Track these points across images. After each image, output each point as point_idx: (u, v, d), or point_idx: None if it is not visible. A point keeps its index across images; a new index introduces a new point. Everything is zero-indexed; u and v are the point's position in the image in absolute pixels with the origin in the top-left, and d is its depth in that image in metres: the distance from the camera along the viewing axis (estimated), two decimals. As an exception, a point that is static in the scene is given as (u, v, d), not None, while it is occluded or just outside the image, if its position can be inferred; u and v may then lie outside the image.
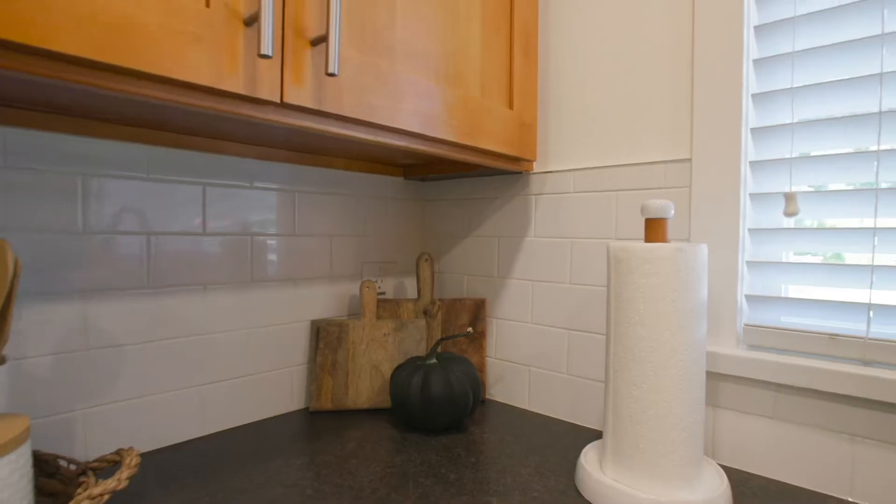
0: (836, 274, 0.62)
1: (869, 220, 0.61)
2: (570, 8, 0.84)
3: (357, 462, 0.68)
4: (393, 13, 0.61)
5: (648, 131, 0.76)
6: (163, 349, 0.71)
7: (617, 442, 0.60)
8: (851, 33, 0.61)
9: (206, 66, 0.44)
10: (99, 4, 0.38)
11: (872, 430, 0.58)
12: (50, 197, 0.61)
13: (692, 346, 0.57)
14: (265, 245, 0.82)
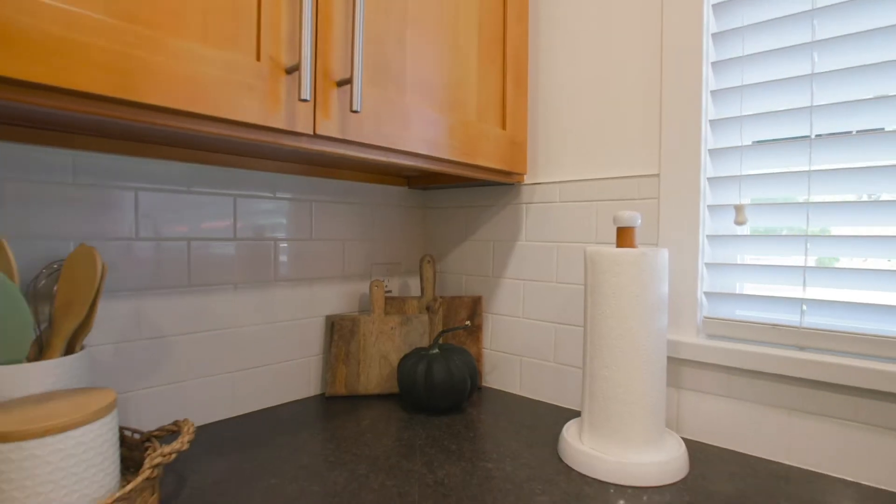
0: (776, 274, 0.73)
1: (802, 228, 0.72)
2: (555, 40, 0.95)
3: (371, 437, 0.79)
4: (403, 52, 0.72)
5: (623, 150, 0.87)
6: (200, 340, 0.82)
7: (592, 417, 0.71)
8: (788, 71, 0.72)
9: (256, 108, 0.55)
10: (180, 66, 0.49)
11: (805, 404, 0.70)
12: (111, 208, 0.72)
13: (654, 335, 0.68)
14: (286, 249, 0.93)
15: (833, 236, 0.69)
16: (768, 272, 0.74)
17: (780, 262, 0.76)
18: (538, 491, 0.63)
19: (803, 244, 0.71)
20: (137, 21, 0.47)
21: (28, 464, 0.45)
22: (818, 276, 0.70)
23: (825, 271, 0.70)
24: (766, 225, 0.75)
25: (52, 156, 0.67)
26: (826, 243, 0.69)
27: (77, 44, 0.43)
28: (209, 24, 0.52)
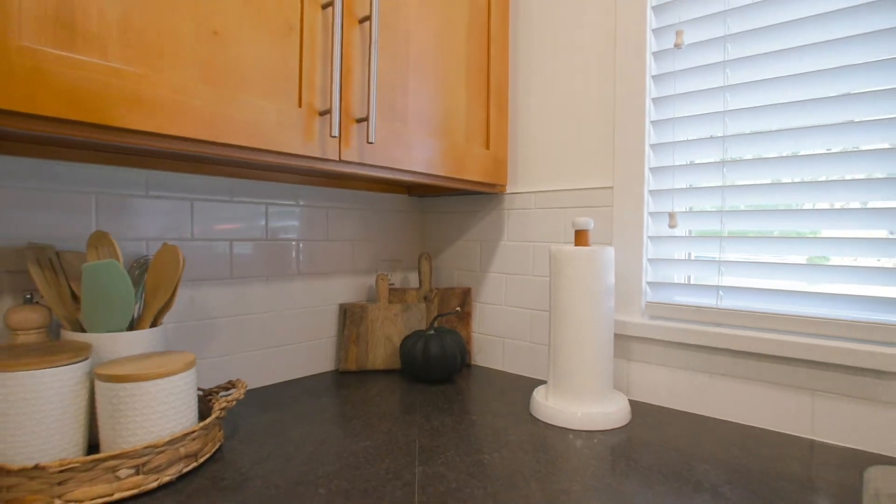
0: (700, 267, 0.93)
1: (717, 231, 0.91)
2: (531, 75, 1.14)
3: (379, 399, 0.98)
4: (406, 93, 0.91)
5: (585, 166, 1.06)
6: (239, 322, 1.01)
7: (555, 381, 0.90)
8: (707, 108, 0.92)
9: (298, 142, 0.74)
10: (246, 115, 0.68)
11: (723, 369, 0.89)
12: (174, 215, 0.90)
13: (602, 317, 0.87)
14: (306, 247, 1.12)
15: (740, 237, 0.89)
16: (694, 266, 0.94)
17: (701, 257, 0.96)
18: (511, 433, 0.82)
19: (718, 243, 0.90)
20: (220, 85, 0.66)
21: (144, 398, 0.63)
22: (730, 269, 0.90)
23: (735, 264, 0.89)
24: (692, 227, 0.95)
25: (131, 174, 0.85)
26: (736, 243, 0.89)
27: (182, 104, 0.62)
28: (266, 84, 0.71)
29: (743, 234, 0.90)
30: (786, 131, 0.84)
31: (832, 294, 0.81)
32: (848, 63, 0.79)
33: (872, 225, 0.78)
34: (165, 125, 0.60)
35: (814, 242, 0.82)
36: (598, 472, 0.69)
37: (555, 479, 0.66)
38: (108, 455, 0.59)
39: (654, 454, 0.74)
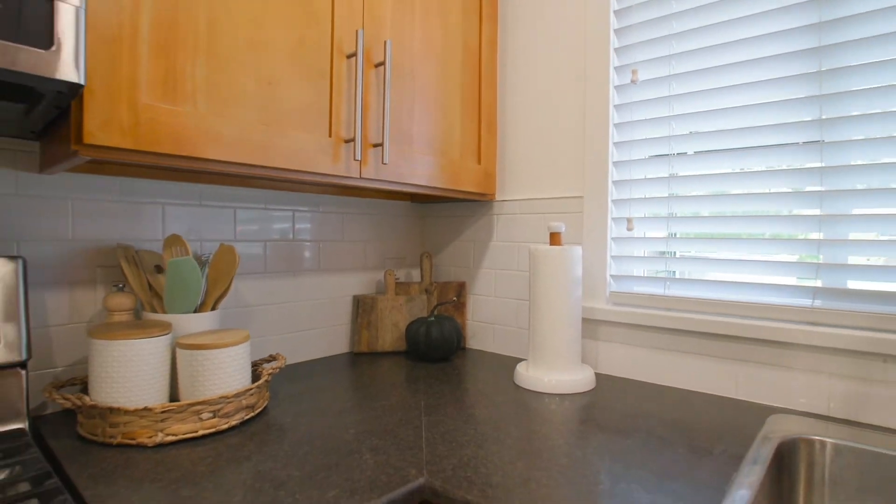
0: (651, 262, 1.14)
1: (665, 232, 1.12)
2: (516, 100, 1.35)
3: (390, 374, 1.18)
4: (412, 119, 1.11)
5: (560, 179, 1.27)
6: (271, 310, 1.21)
7: (534, 356, 1.11)
8: (657, 133, 1.12)
9: (328, 164, 0.94)
10: (290, 145, 0.88)
11: (671, 345, 1.10)
12: (221, 219, 1.10)
13: (571, 304, 1.08)
14: (325, 247, 1.32)
15: (683, 238, 1.09)
16: (647, 261, 1.15)
17: (653, 254, 1.16)
18: (497, 396, 1.02)
19: (665, 243, 1.11)
20: (272, 123, 0.86)
21: (216, 362, 0.83)
22: (675, 264, 1.10)
23: (680, 260, 1.10)
24: (646, 230, 1.15)
25: (187, 187, 1.05)
26: (680, 243, 1.10)
27: (246, 139, 0.82)
28: (305, 119, 0.91)
29: (685, 236, 1.11)
30: (717, 152, 1.05)
31: (752, 283, 1.02)
32: (758, 102, 1.00)
33: (786, 228, 0.98)
34: (234, 155, 0.80)
35: (740, 242, 1.03)
36: (563, 420, 0.89)
37: (528, 424, 0.87)
38: (195, 402, 0.79)
39: (610, 410, 0.95)
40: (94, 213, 0.93)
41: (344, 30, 0.95)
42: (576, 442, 0.79)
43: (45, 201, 0.88)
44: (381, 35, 1.02)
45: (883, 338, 0.85)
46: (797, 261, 0.98)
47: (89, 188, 0.93)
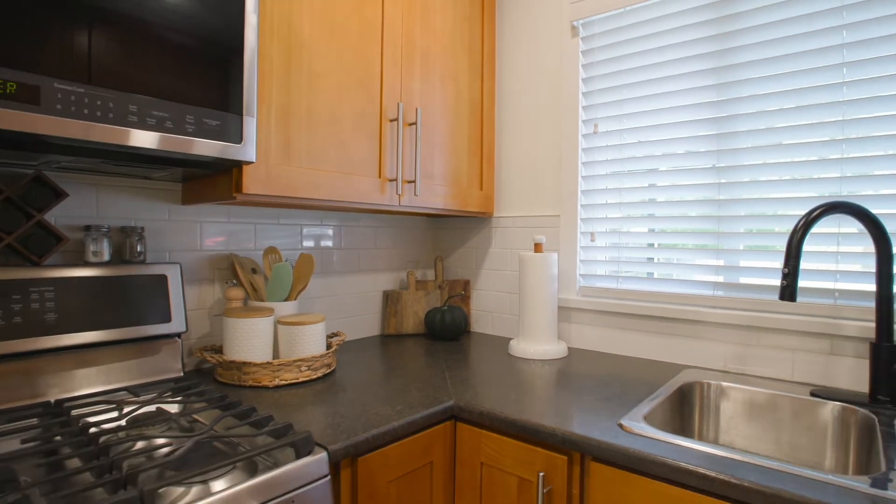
0: (607, 265, 1.55)
1: (617, 242, 1.53)
2: (510, 139, 1.76)
3: (415, 349, 1.58)
4: (433, 161, 1.51)
5: (543, 201, 1.68)
6: (326, 300, 1.60)
7: (522, 334, 1.51)
8: (610, 169, 1.54)
9: (377, 197, 1.34)
10: (355, 185, 1.28)
11: (621, 324, 1.51)
12: (291, 233, 1.50)
13: (549, 296, 1.48)
14: (364, 253, 1.72)
15: (632, 247, 1.51)
16: (605, 264, 1.56)
17: (609, 259, 1.57)
18: (495, 362, 1.43)
19: (617, 251, 1.53)
20: (345, 172, 1.26)
21: (306, 334, 1.23)
22: (624, 266, 1.51)
23: (627, 263, 1.51)
24: (605, 241, 1.57)
25: (268, 211, 1.45)
26: (628, 250, 1.51)
27: (330, 184, 1.21)
28: (364, 167, 1.31)
29: (633, 245, 1.52)
30: (650, 188, 1.46)
31: (676, 280, 1.43)
32: (675, 137, 1.41)
33: (698, 240, 1.40)
34: (323, 194, 1.20)
35: (668, 250, 1.44)
36: (542, 375, 1.30)
37: (518, 377, 1.27)
38: (297, 359, 1.19)
39: (575, 370, 1.36)
40: (213, 231, 1.33)
41: (388, 103, 1.36)
42: (549, 386, 1.20)
43: (185, 224, 1.28)
44: (413, 104, 1.43)
45: (757, 316, 1.26)
46: (705, 264, 1.39)
47: (210, 214, 1.32)
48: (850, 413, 1.05)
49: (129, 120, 0.81)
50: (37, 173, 1.00)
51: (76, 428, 0.85)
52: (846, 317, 1.18)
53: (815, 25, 1.22)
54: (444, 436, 1.07)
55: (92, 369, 1.05)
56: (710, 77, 1.37)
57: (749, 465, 0.78)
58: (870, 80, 1.16)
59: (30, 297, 0.96)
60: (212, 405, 0.96)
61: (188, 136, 0.87)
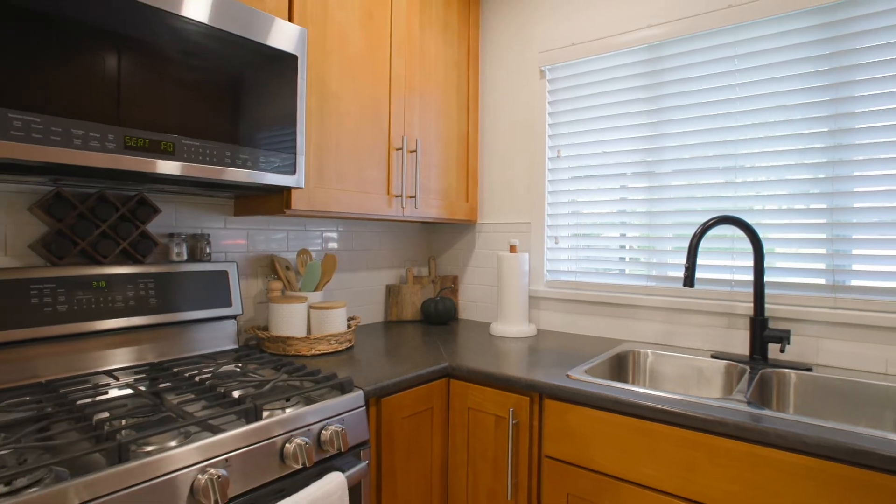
0: (568, 263, 1.94)
1: (575, 244, 1.93)
2: (491, 159, 2.14)
3: (414, 331, 1.95)
4: (429, 180, 1.89)
5: (517, 211, 2.06)
6: (342, 292, 1.97)
7: (500, 318, 1.90)
8: (568, 187, 1.93)
9: (386, 210, 1.71)
10: (369, 201, 1.65)
11: (577, 310, 1.90)
12: (315, 237, 1.87)
13: (523, 287, 1.87)
14: (371, 254, 2.09)
15: (585, 248, 1.90)
16: (568, 262, 1.95)
17: (570, 258, 1.96)
18: (479, 340, 1.81)
19: (575, 252, 1.92)
20: (363, 191, 1.63)
21: (333, 316, 1.60)
22: (579, 264, 1.91)
23: (583, 261, 1.90)
24: (567, 244, 1.96)
25: (296, 220, 1.81)
26: (583, 251, 1.90)
27: (350, 200, 1.58)
28: (376, 187, 1.68)
29: (592, 246, 1.91)
30: (600, 202, 1.86)
31: (618, 272, 1.83)
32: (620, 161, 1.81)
33: (641, 241, 1.80)
34: (346, 209, 1.57)
35: (609, 250, 1.84)
36: (515, 349, 1.68)
37: (497, 349, 1.66)
38: (327, 334, 1.55)
39: (542, 345, 1.75)
40: (257, 238, 1.69)
41: (395, 135, 1.73)
42: (520, 354, 1.59)
43: (237, 231, 1.64)
44: (413, 135, 1.80)
45: (678, 301, 1.66)
46: (642, 260, 1.79)
47: (255, 223, 1.68)
48: (733, 367, 1.45)
49: (224, 161, 1.17)
50: (140, 195, 1.35)
51: (185, 378, 1.21)
52: (739, 300, 1.58)
53: (712, 69, 1.63)
54: (440, 388, 1.45)
55: (179, 340, 1.41)
56: (644, 116, 1.77)
57: (654, 396, 1.17)
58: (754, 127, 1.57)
59: (138, 287, 1.32)
60: (271, 365, 1.33)
61: (262, 171, 1.24)
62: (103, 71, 0.98)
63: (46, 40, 0.91)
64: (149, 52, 1.04)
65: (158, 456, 0.83)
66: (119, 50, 0.99)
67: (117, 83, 0.99)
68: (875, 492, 0.89)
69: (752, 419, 1.02)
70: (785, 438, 0.96)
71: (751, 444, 1.01)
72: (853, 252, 1.43)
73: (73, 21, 0.94)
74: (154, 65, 1.04)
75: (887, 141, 1.38)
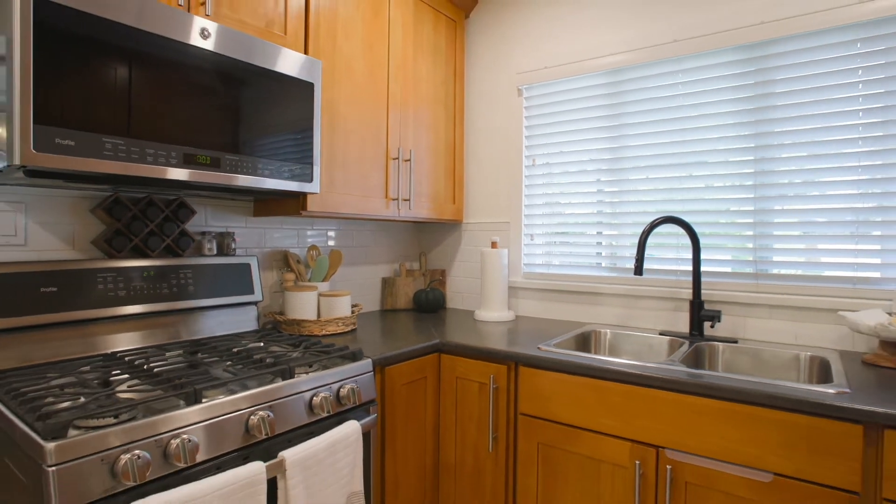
0: (544, 256, 2.23)
1: (550, 240, 2.22)
2: (475, 167, 2.42)
3: (407, 318, 2.22)
4: (421, 185, 2.16)
5: (498, 211, 2.35)
6: (345, 283, 2.23)
7: (484, 306, 2.18)
8: (543, 191, 2.22)
9: (385, 211, 1.98)
10: (370, 203, 1.92)
11: (550, 298, 2.19)
12: (322, 234, 2.13)
13: (502, 279, 2.15)
14: (368, 250, 2.35)
15: (560, 244, 2.19)
16: (543, 256, 2.24)
17: (541, 252, 2.25)
18: (465, 324, 2.08)
19: (550, 248, 2.21)
20: (365, 195, 1.90)
21: (339, 302, 1.86)
22: (552, 258, 2.20)
23: (557, 255, 2.19)
24: (542, 240, 2.25)
25: (302, 220, 2.07)
26: (557, 246, 2.19)
27: (353, 203, 1.85)
28: (376, 191, 1.94)
29: (562, 242, 2.20)
30: (570, 203, 2.15)
31: (581, 265, 2.12)
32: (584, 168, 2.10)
33: (592, 240, 2.09)
34: (352, 210, 1.83)
35: (577, 246, 2.13)
36: (496, 331, 1.97)
37: (480, 331, 1.94)
38: (336, 317, 1.82)
39: (519, 327, 2.03)
40: (273, 235, 1.95)
41: (392, 147, 2.00)
42: (500, 334, 1.87)
43: (256, 230, 1.89)
44: (408, 147, 2.08)
45: (634, 289, 1.96)
46: (605, 254, 2.09)
47: (270, 223, 1.94)
48: (676, 342, 1.76)
49: (258, 172, 1.43)
50: (180, 199, 1.60)
51: (224, 350, 1.46)
52: (683, 287, 1.88)
53: (662, 92, 1.93)
54: (433, 361, 1.72)
55: (210, 322, 1.66)
56: (606, 131, 2.07)
57: (607, 361, 1.45)
58: (696, 142, 1.87)
59: (179, 276, 1.57)
60: (289, 342, 1.59)
61: (286, 180, 1.50)
62: (173, 104, 1.23)
63: (133, 85, 1.16)
64: (208, 91, 1.29)
65: (222, 399, 1.10)
66: (188, 90, 1.25)
67: (181, 113, 1.25)
68: (772, 424, 1.19)
69: (686, 376, 1.31)
70: (710, 388, 1.26)
71: (678, 394, 1.30)
72: (773, 246, 1.74)
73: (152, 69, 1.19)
74: (208, 97, 1.30)
75: (799, 156, 1.69)
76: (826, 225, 1.66)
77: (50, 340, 1.33)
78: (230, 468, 1.08)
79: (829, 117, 1.64)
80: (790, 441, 1.15)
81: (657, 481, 1.33)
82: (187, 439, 1.00)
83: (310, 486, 1.16)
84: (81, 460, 0.89)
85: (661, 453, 1.32)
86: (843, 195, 1.63)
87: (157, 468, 0.97)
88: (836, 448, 1.11)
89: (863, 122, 1.59)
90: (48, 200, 1.40)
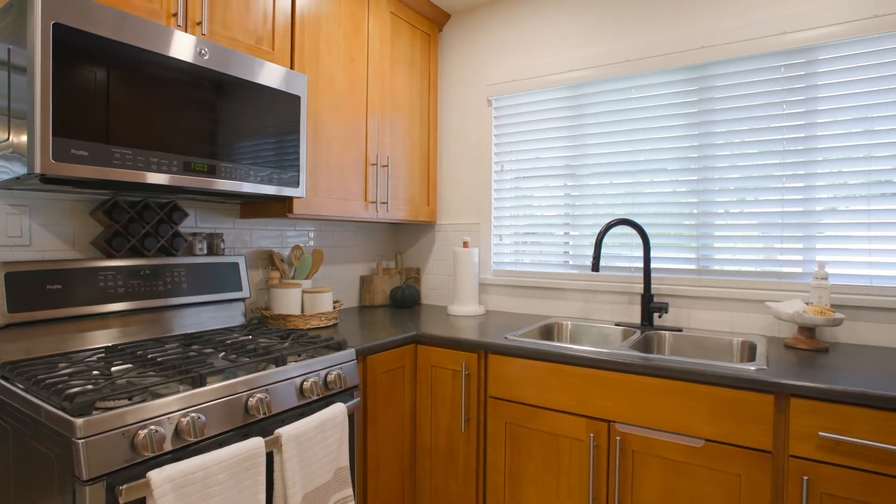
0: (513, 255, 2.41)
1: (518, 241, 2.40)
2: (448, 170, 2.58)
3: (384, 313, 2.37)
4: (398, 189, 2.31)
5: (469, 213, 2.52)
6: (326, 280, 2.36)
7: (456, 302, 2.34)
8: (512, 194, 2.40)
9: (364, 213, 2.12)
10: (350, 206, 2.06)
11: (518, 294, 2.38)
12: (304, 234, 2.26)
13: (473, 276, 2.32)
14: (347, 249, 2.49)
15: (527, 244, 2.37)
16: (512, 255, 2.42)
17: (509, 251, 2.43)
18: (439, 318, 2.25)
19: (518, 247, 2.39)
20: (345, 199, 2.04)
21: (322, 298, 2.00)
22: (523, 256, 2.38)
23: (525, 253, 2.37)
24: (510, 240, 2.43)
25: (287, 221, 2.20)
26: (525, 245, 2.37)
27: (334, 206, 1.99)
28: (356, 195, 2.08)
29: (528, 242, 2.39)
30: (536, 206, 2.33)
31: (547, 262, 2.31)
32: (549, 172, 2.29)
33: (559, 240, 2.28)
34: (335, 213, 1.97)
35: (543, 245, 2.32)
36: (468, 325, 2.13)
37: (453, 324, 2.10)
38: (320, 312, 1.95)
39: (489, 321, 2.20)
40: (258, 235, 2.07)
41: (371, 154, 2.15)
42: (471, 326, 2.04)
43: (242, 231, 2.01)
44: (385, 153, 2.22)
45: (593, 284, 2.16)
46: (568, 253, 2.28)
47: (256, 224, 2.06)
48: (628, 331, 1.96)
49: (250, 178, 1.56)
50: (173, 202, 1.71)
51: (217, 342, 1.59)
52: (636, 282, 2.09)
53: (617, 106, 2.13)
54: (410, 351, 1.88)
55: (203, 316, 1.78)
56: (568, 140, 2.26)
57: (565, 347, 1.63)
58: (647, 151, 2.08)
59: (174, 274, 1.68)
60: (277, 335, 1.72)
61: (276, 185, 1.63)
62: (174, 116, 1.35)
63: (139, 99, 1.28)
64: (206, 104, 1.42)
65: (223, 383, 1.23)
66: (188, 104, 1.37)
67: (181, 125, 1.37)
68: (704, 397, 1.38)
69: (634, 359, 1.50)
70: (653, 368, 1.45)
71: (627, 374, 1.49)
72: (714, 245, 1.96)
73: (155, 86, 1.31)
74: (205, 110, 1.43)
75: (734, 165, 1.91)
76: (757, 227, 1.88)
77: (54, 334, 1.43)
78: (231, 444, 1.22)
79: (758, 132, 1.87)
80: (718, 411, 1.35)
81: (609, 451, 1.52)
82: (197, 417, 1.13)
83: (303, 460, 1.30)
84: (105, 434, 1.01)
85: (612, 427, 1.51)
86: (771, 200, 1.86)
87: (170, 442, 1.10)
88: (754, 415, 1.31)
89: (786, 137, 1.82)
90: (50, 203, 1.50)
